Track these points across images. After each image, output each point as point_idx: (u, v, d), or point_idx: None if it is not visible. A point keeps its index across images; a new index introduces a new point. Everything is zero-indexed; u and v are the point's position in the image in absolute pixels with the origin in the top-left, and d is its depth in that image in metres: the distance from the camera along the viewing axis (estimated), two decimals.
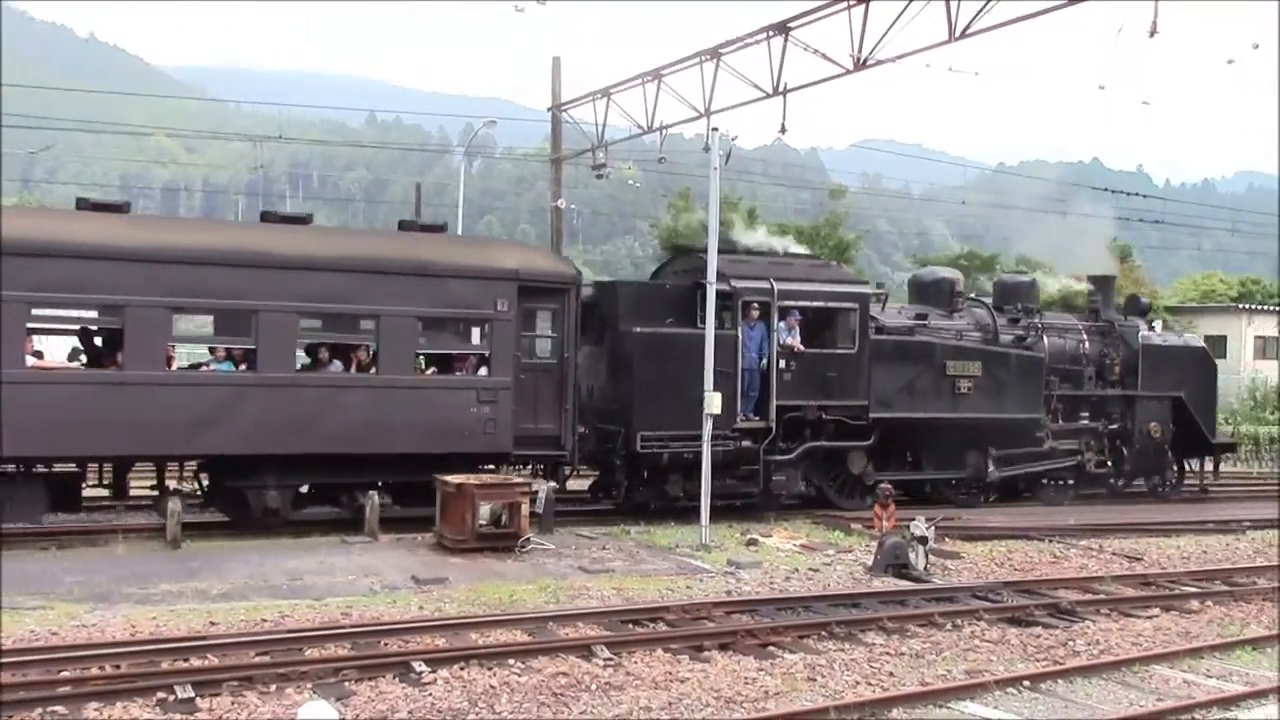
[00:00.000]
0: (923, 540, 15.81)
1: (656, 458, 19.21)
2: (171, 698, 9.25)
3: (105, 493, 17.35)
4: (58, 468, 16.30)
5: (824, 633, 12.22)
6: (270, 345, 16.48)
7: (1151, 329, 26.14)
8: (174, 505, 15.83)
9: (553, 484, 17.79)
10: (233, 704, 9.24)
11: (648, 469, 19.45)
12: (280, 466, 16.79)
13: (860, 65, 19.52)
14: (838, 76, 20.37)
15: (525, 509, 16.30)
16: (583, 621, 12.19)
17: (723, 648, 11.49)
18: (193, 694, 9.29)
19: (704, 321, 18.34)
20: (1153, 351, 25.16)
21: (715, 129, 18.95)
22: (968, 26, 17.85)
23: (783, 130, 21.97)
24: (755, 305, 20.04)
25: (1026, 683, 10.55)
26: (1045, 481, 23.70)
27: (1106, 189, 51.28)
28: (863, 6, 19.04)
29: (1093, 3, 16.53)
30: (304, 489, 17.50)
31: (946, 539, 18.11)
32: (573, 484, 21.04)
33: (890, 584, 15.00)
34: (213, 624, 11.64)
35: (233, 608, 12.41)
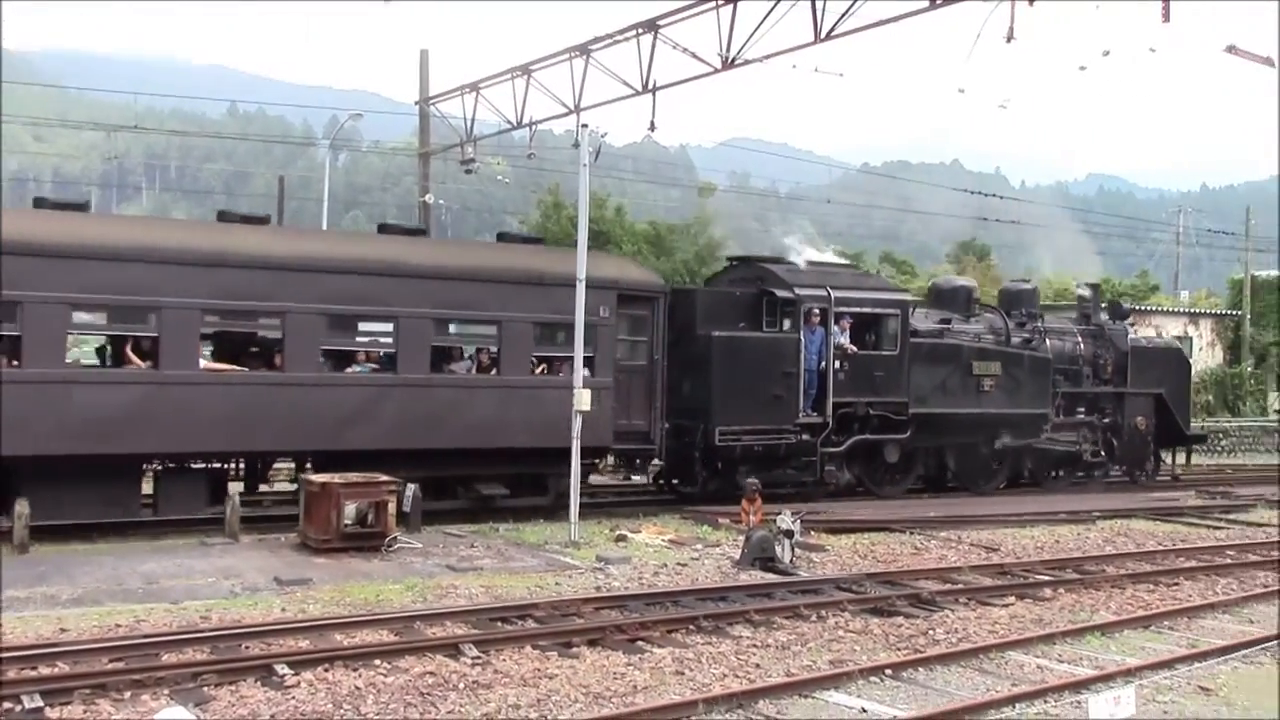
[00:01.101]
0: (789, 534, 16.04)
1: (731, 450, 21.00)
2: (19, 708, 8.89)
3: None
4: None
5: (692, 627, 12.31)
6: (409, 349, 18.08)
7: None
8: (20, 508, 15.19)
9: (415, 485, 17.57)
10: (85, 712, 8.92)
11: (721, 461, 21.19)
12: (411, 460, 17.86)
13: (728, 64, 19.76)
14: (706, 75, 20.59)
15: (391, 508, 16.10)
16: (450, 620, 12.08)
17: (592, 643, 11.49)
18: (41, 703, 8.94)
19: (768, 326, 21.67)
20: (1140, 352, 27.80)
21: (585, 125, 18.97)
22: (833, 28, 18.20)
23: (652, 128, 22.14)
24: (815, 311, 21.97)
25: (888, 671, 10.77)
26: (1052, 474, 26.55)
27: (966, 190, 52.68)
28: (730, 6, 19.27)
29: (953, 7, 16.99)
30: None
31: (812, 532, 18.42)
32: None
33: (757, 577, 15.18)
34: (63, 630, 11.21)
35: (85, 613, 11.97)
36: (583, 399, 17.37)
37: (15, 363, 15.45)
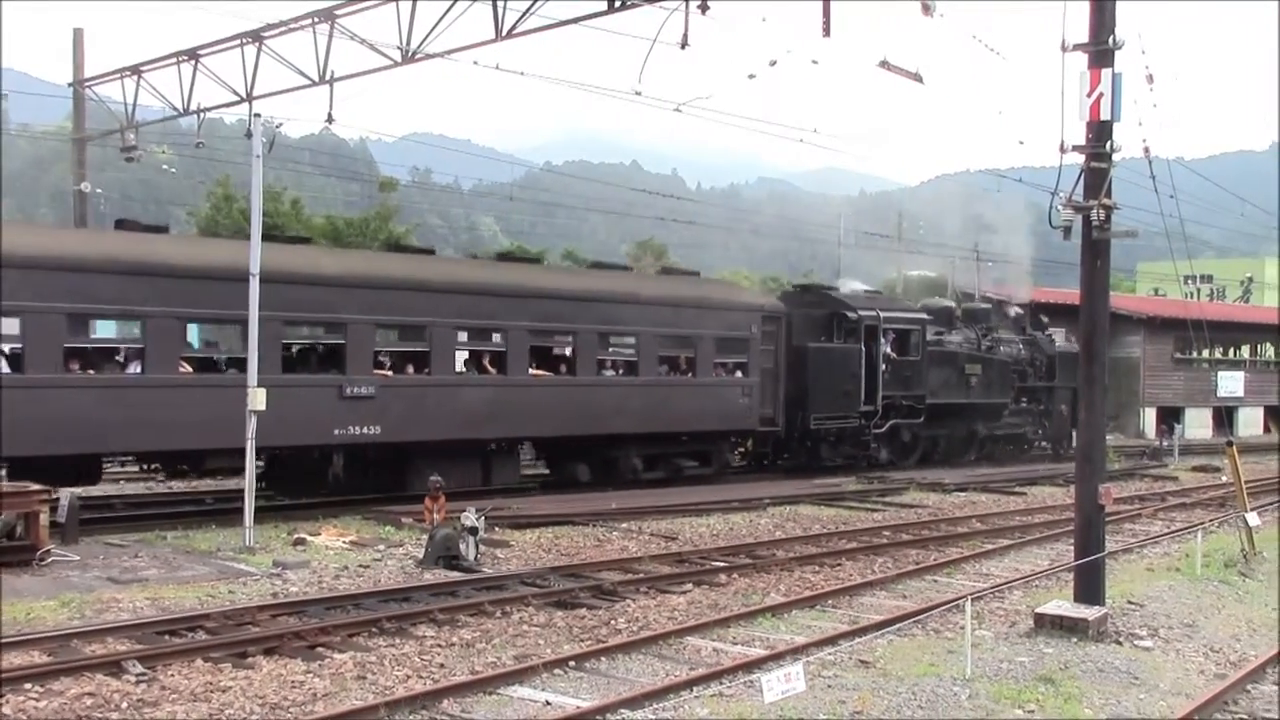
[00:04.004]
0: (473, 531, 15.98)
1: (818, 432, 28.34)
2: None
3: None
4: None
5: (374, 629, 12.07)
6: (646, 358, 24.53)
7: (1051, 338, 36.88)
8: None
9: (75, 491, 16.41)
10: None
11: (811, 440, 28.47)
12: (640, 442, 24.64)
13: (409, 58, 19.45)
14: (386, 68, 20.20)
15: (45, 519, 14.95)
16: (112, 636, 11.33)
17: (268, 652, 11.07)
18: None
19: (837, 339, 29.16)
20: (1062, 355, 35.25)
21: (258, 115, 18.25)
22: (514, 27, 18.24)
23: (330, 119, 21.50)
24: (869, 327, 29.36)
25: (572, 663, 10.91)
26: (1008, 446, 34.36)
27: (645, 190, 54.05)
28: (410, 1, 18.98)
29: (631, 12, 17.36)
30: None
31: (496, 528, 18.44)
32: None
33: (441, 576, 15.05)
34: None
35: None
36: (257, 399, 16.69)
37: (427, 370, 21.18)
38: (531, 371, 22.74)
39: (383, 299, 20.54)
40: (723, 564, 16.56)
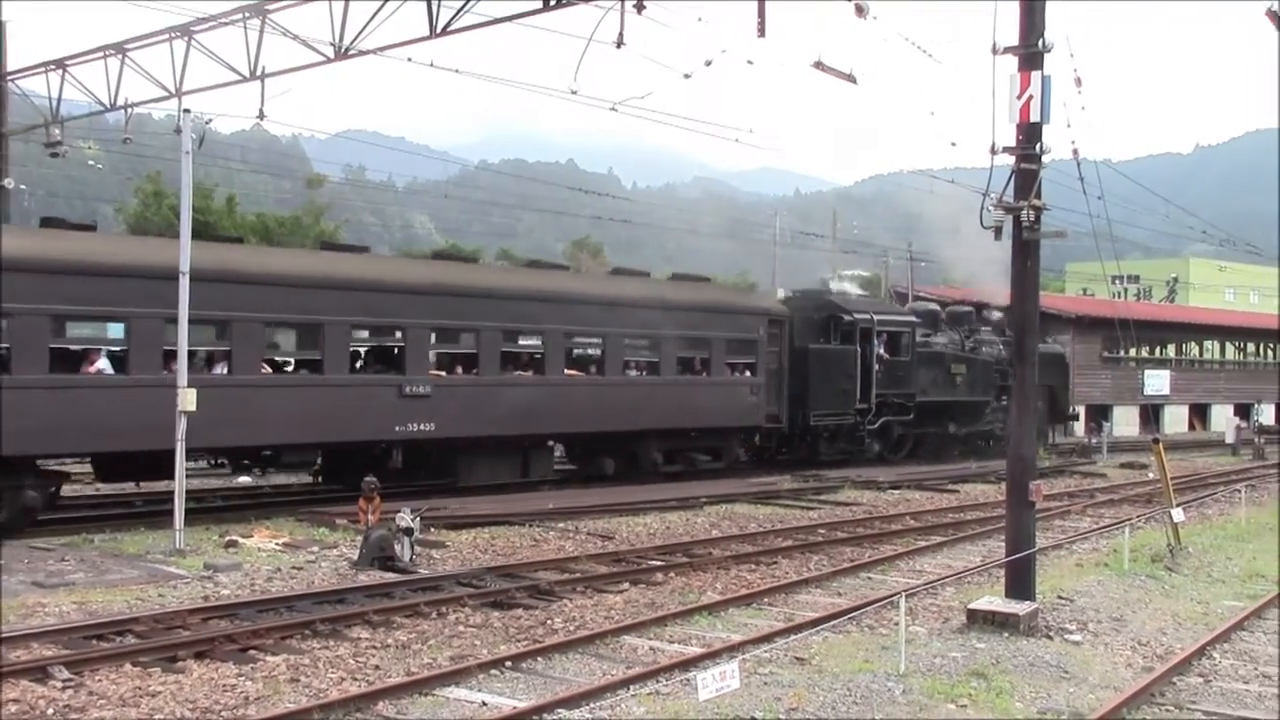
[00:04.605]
0: (408, 531, 15.87)
1: (817, 428, 30.21)
2: None
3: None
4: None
5: (308, 631, 11.94)
6: (666, 359, 26.31)
7: None
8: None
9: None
10: None
11: (810, 436, 30.40)
12: (654, 437, 26.27)
13: (342, 54, 19.25)
14: (319, 64, 19.97)
15: None
16: (37, 641, 11.10)
17: (199, 656, 10.91)
18: None
19: (833, 341, 30.95)
20: (1039, 356, 33.18)
21: (187, 110, 17.93)
22: (448, 24, 18.11)
23: (261, 116, 21.21)
24: (863, 330, 31.11)
25: (509, 663, 10.87)
26: (981, 442, 35.59)
27: (581, 189, 53.98)
28: None
29: (567, 10, 17.31)
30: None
31: (432, 529, 18.32)
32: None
33: (376, 577, 14.93)
34: None
35: None
36: (187, 399, 16.45)
37: (476, 370, 22.68)
38: (566, 372, 24.59)
39: (436, 304, 22.19)
40: (660, 563, 16.58)
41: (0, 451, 16.47)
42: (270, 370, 20.25)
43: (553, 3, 17.22)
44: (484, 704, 9.70)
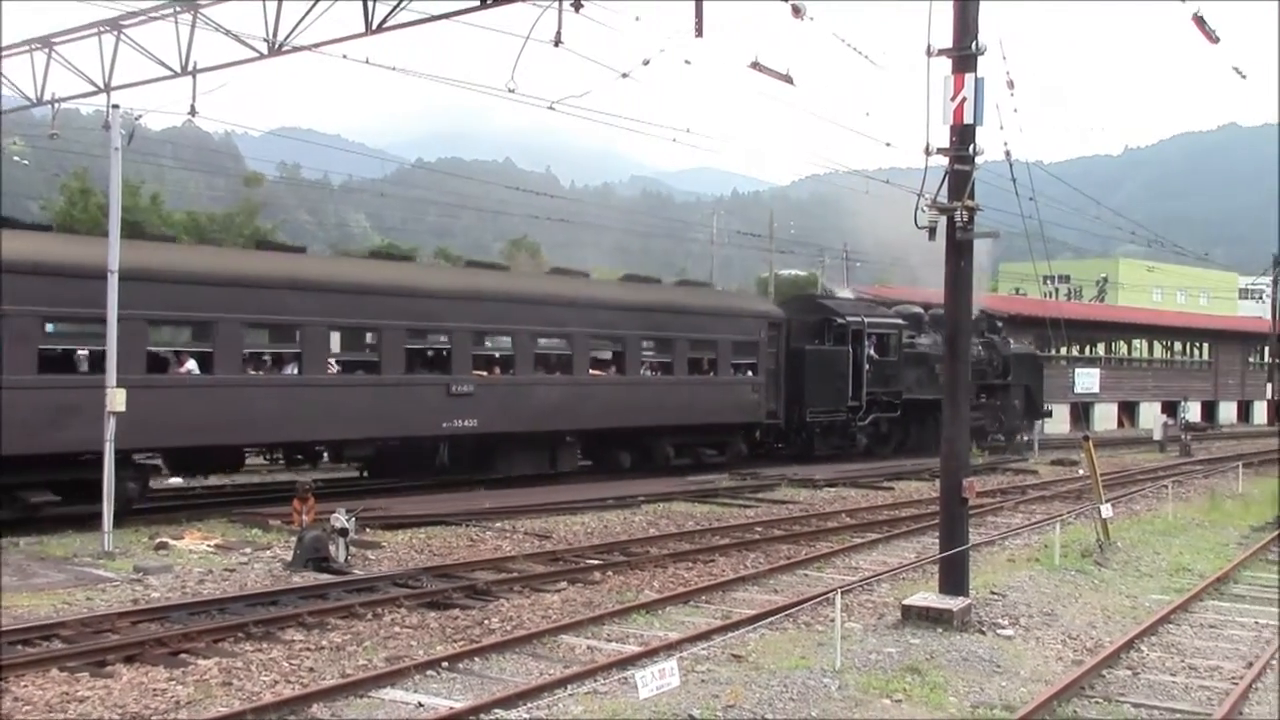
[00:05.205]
0: (343, 532, 15.73)
1: (813, 424, 32.16)
2: None
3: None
4: None
5: (241, 634, 11.79)
6: (679, 360, 28.30)
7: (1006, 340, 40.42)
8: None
9: None
10: None
11: (806, 431, 32.27)
12: (666, 433, 28.20)
13: (276, 50, 19.00)
14: (252, 60, 19.70)
15: None
16: None
17: (129, 660, 10.73)
18: None
19: (827, 342, 32.96)
20: (1016, 356, 39.89)
21: (116, 106, 17.64)
22: (384, 21, 17.95)
23: (193, 112, 20.88)
24: (854, 332, 32.96)
25: (445, 663, 10.81)
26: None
27: (518, 188, 53.72)
28: None
29: (504, 8, 17.22)
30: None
31: (367, 529, 18.17)
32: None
33: (311, 578, 14.77)
34: None
35: None
36: (116, 399, 16.18)
37: (512, 371, 24.59)
38: (590, 372, 26.54)
39: (477, 309, 23.96)
40: (597, 562, 16.57)
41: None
42: (337, 370, 22.07)
43: (489, 1, 17.13)
44: (420, 705, 9.64)
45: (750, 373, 30.32)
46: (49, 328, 18.33)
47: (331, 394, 21.41)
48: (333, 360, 21.93)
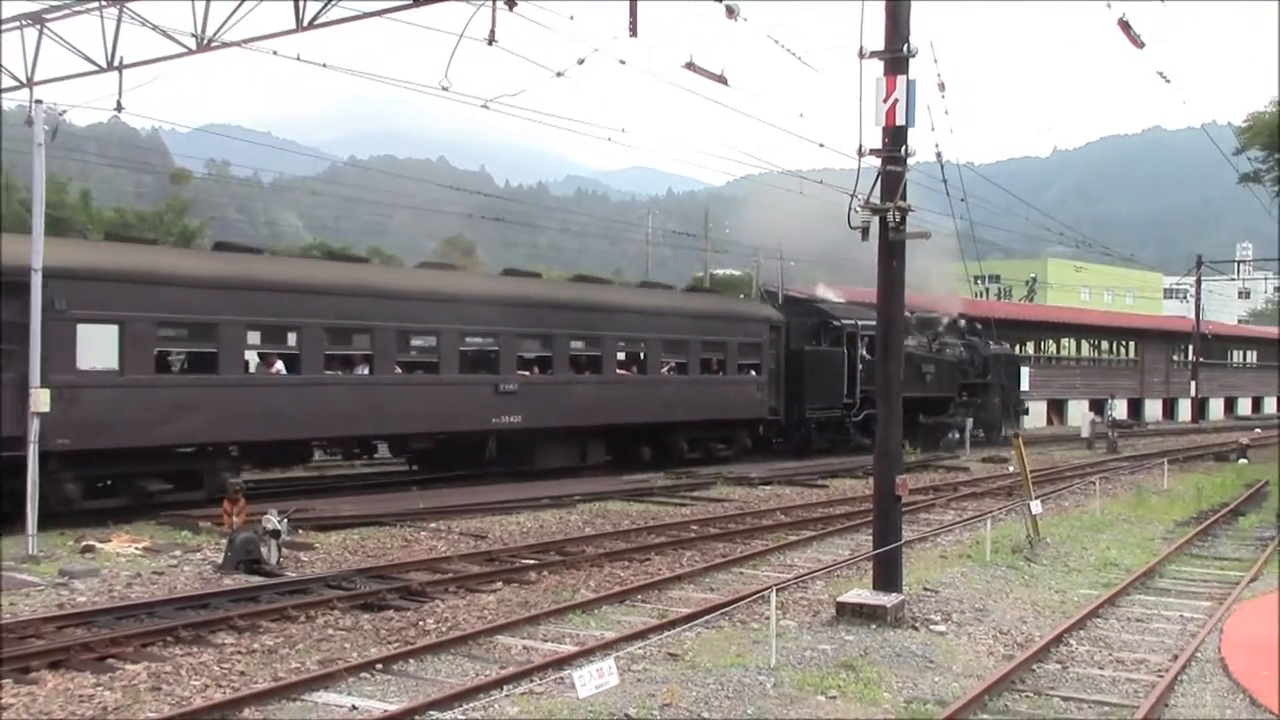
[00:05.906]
0: (275, 534, 15.53)
1: (811, 421, 34.48)
2: None
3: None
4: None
5: (170, 638, 11.61)
6: (691, 360, 30.52)
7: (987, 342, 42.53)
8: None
9: None
10: None
11: (805, 428, 34.51)
12: (681, 429, 30.38)
13: (204, 46, 18.73)
14: (180, 56, 19.39)
15: None
16: None
17: (54, 666, 10.52)
18: None
19: (826, 344, 35.18)
20: (995, 357, 42.44)
21: (39, 101, 17.30)
22: (315, 18, 17.75)
23: (119, 108, 20.53)
24: (849, 334, 35.23)
25: (379, 665, 10.72)
26: (950, 435, 39.13)
27: (452, 187, 53.45)
28: None
29: (437, 6, 17.10)
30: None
31: (300, 531, 17.97)
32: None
33: (242, 581, 14.58)
34: None
35: None
36: (40, 399, 15.85)
37: (550, 370, 26.87)
38: (618, 372, 28.76)
39: (521, 314, 26.10)
40: (533, 561, 16.52)
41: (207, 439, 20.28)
42: (401, 371, 23.92)
43: None
44: (354, 708, 9.55)
45: (754, 372, 32.41)
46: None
47: (398, 392, 23.46)
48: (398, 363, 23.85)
